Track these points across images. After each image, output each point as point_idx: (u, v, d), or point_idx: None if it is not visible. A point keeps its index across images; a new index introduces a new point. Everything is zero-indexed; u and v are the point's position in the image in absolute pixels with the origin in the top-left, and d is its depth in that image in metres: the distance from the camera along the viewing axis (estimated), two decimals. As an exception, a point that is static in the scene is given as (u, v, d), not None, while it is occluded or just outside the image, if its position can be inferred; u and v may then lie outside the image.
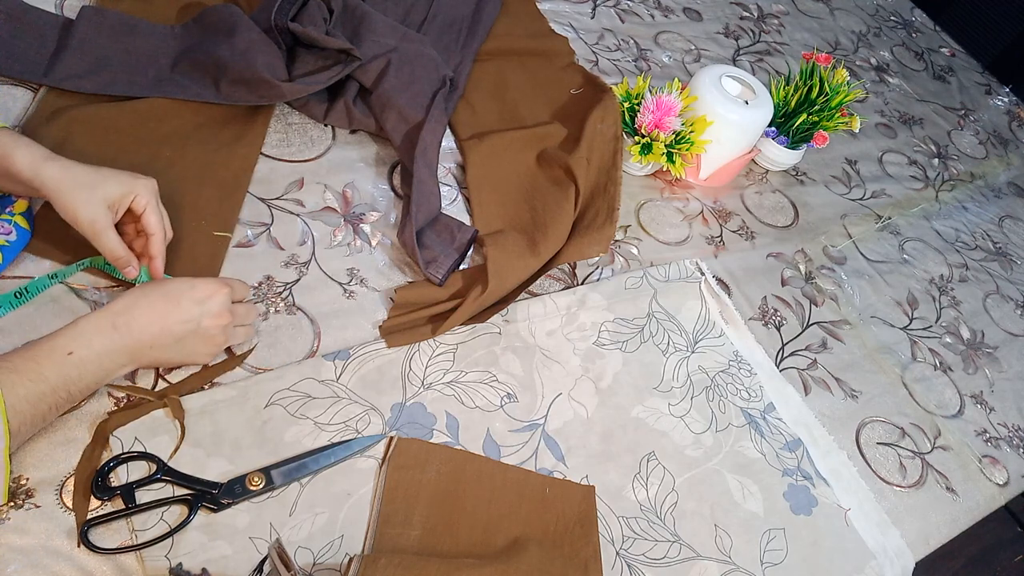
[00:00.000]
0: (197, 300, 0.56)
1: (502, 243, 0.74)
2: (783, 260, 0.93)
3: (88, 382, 0.52)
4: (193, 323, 0.56)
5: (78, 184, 0.56)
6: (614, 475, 0.67)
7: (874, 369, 0.86)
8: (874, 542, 0.71)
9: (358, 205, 0.77)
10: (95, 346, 0.52)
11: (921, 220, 1.10)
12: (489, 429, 0.66)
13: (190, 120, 0.75)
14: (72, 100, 0.71)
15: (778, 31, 1.33)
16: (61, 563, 0.50)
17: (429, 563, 0.53)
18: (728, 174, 0.97)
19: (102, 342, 0.52)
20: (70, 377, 0.51)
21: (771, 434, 0.74)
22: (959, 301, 1.00)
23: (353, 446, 0.60)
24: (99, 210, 0.56)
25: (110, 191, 0.57)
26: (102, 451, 0.54)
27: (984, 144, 1.31)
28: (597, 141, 0.87)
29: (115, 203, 0.57)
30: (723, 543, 0.66)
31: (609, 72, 1.06)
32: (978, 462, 0.82)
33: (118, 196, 0.57)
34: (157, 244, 0.59)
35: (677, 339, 0.78)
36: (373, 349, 0.66)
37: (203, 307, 0.56)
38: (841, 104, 0.98)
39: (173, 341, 0.55)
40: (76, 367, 0.51)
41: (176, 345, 0.56)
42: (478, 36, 0.97)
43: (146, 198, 0.58)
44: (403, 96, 0.80)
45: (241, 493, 0.55)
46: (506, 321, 0.73)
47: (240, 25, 0.77)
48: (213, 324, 0.57)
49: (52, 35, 0.74)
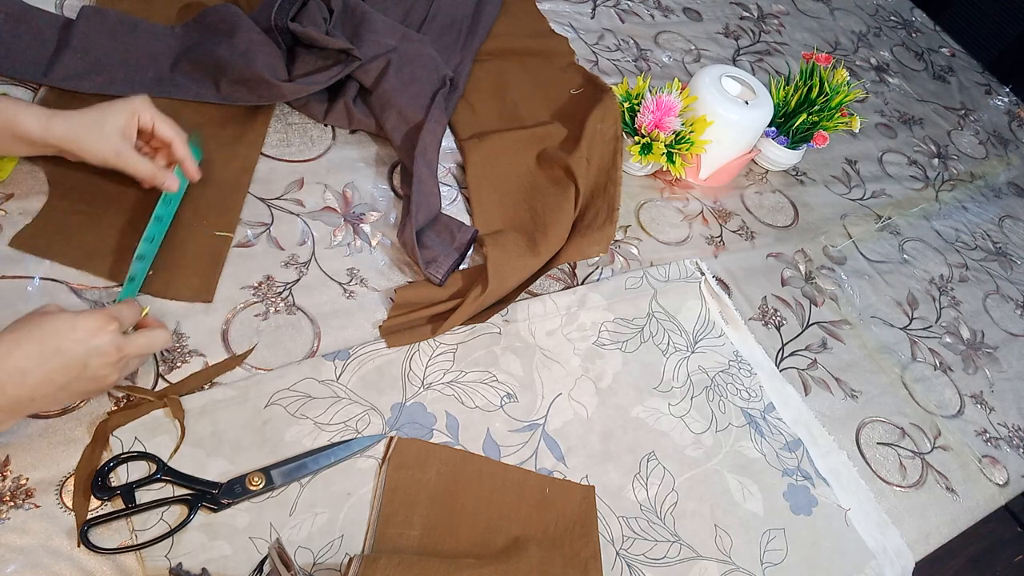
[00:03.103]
0: (80, 340, 0.49)
1: (502, 243, 0.74)
2: (783, 260, 0.93)
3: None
4: (79, 367, 0.49)
5: (86, 128, 0.60)
6: (614, 475, 0.67)
7: (874, 369, 0.86)
8: (874, 542, 0.71)
9: (358, 205, 0.77)
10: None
11: (921, 220, 1.10)
12: (489, 429, 0.66)
13: (190, 120, 0.74)
14: (72, 100, 0.71)
15: (778, 31, 1.33)
16: (61, 563, 0.50)
17: (429, 563, 0.53)
18: (728, 174, 0.97)
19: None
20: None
21: (771, 434, 0.75)
22: (959, 301, 1.00)
23: (353, 446, 0.60)
24: (117, 140, 0.61)
25: (117, 121, 0.61)
26: (102, 451, 0.54)
27: (984, 144, 1.31)
28: (597, 141, 0.87)
29: (125, 129, 0.61)
30: (723, 543, 0.66)
31: (609, 72, 1.06)
32: (978, 462, 0.82)
33: (124, 122, 0.61)
34: (180, 147, 0.64)
35: (677, 339, 0.78)
36: (373, 349, 0.66)
37: (88, 347, 0.50)
38: (841, 104, 0.98)
39: (56, 389, 0.49)
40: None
41: (61, 393, 0.50)
42: (478, 36, 0.97)
43: (149, 112, 0.63)
44: (403, 96, 0.80)
45: (241, 493, 0.55)
46: (506, 321, 0.73)
47: (240, 25, 0.77)
48: (102, 363, 0.51)
49: (52, 35, 0.74)
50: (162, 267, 0.64)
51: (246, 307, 0.65)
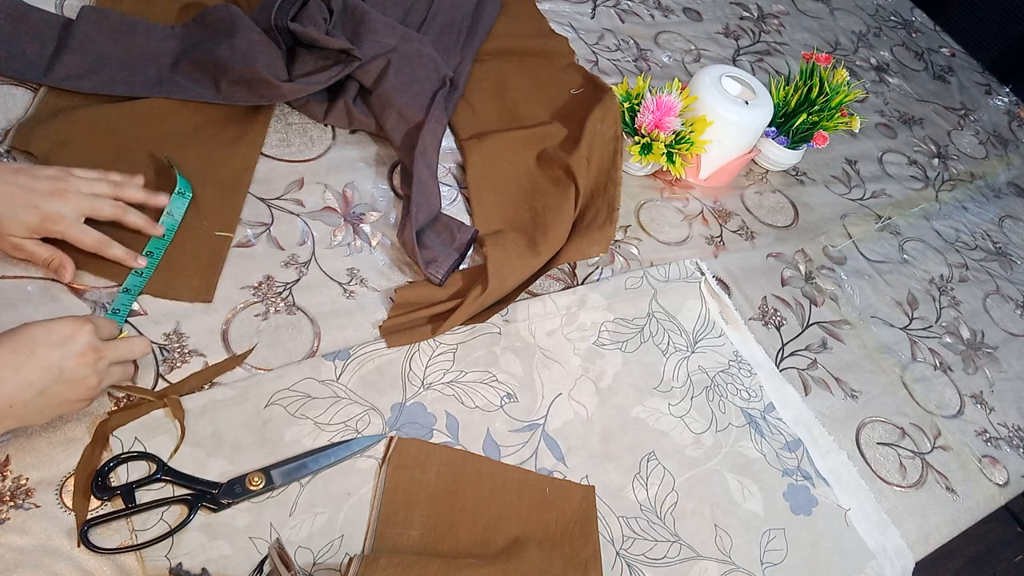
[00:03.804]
0: (55, 343, 0.49)
1: (502, 243, 0.74)
2: (783, 260, 0.93)
3: None
4: (55, 369, 0.49)
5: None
6: (614, 475, 0.67)
7: (874, 369, 0.86)
8: (874, 542, 0.71)
9: (358, 205, 0.77)
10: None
11: (921, 220, 1.10)
12: (489, 429, 0.66)
13: (190, 120, 0.75)
14: (72, 100, 0.71)
15: (778, 31, 1.33)
16: (61, 563, 0.50)
17: (429, 563, 0.53)
18: (728, 174, 0.97)
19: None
20: None
21: (771, 434, 0.75)
22: (959, 301, 1.00)
23: (353, 446, 0.60)
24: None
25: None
26: (102, 451, 0.54)
27: (984, 144, 1.31)
28: (597, 141, 0.87)
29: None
30: (723, 543, 0.66)
31: (609, 72, 1.06)
32: (978, 462, 0.82)
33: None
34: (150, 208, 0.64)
35: (677, 339, 0.78)
36: (373, 349, 0.66)
37: (63, 349, 0.49)
38: (841, 104, 0.98)
39: (35, 395, 0.48)
40: None
41: (40, 399, 0.49)
42: (478, 36, 0.97)
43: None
44: (403, 96, 0.80)
45: (241, 493, 0.55)
46: (506, 321, 0.73)
47: (240, 25, 0.77)
48: (78, 364, 0.50)
49: (52, 35, 0.74)
50: (162, 267, 0.64)
51: (246, 307, 0.65)
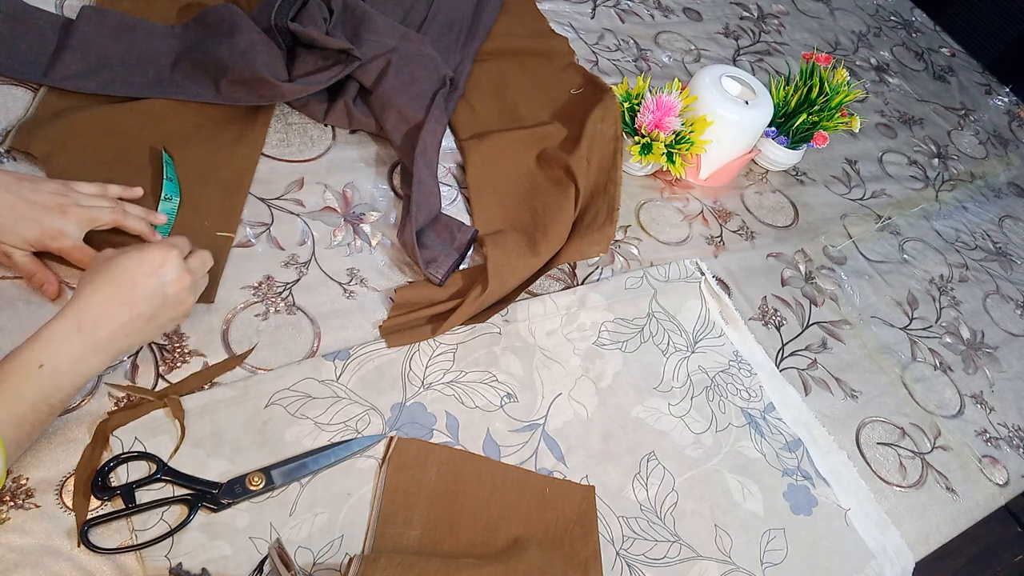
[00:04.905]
0: (151, 273, 0.53)
1: (502, 243, 0.74)
2: (783, 260, 0.93)
3: (68, 391, 0.50)
4: (158, 295, 0.54)
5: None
6: (614, 475, 0.67)
7: (874, 369, 0.86)
8: (874, 542, 0.71)
9: (358, 205, 0.77)
10: (64, 353, 0.49)
11: (921, 220, 1.10)
12: (489, 429, 0.66)
13: (190, 120, 0.75)
14: (72, 100, 0.71)
15: (778, 31, 1.33)
16: (61, 563, 0.50)
17: (429, 563, 0.53)
18: (728, 174, 0.97)
19: (71, 348, 0.49)
20: (47, 390, 0.48)
21: (771, 434, 0.74)
22: (959, 301, 1.00)
23: (353, 446, 0.60)
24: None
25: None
26: (102, 451, 0.54)
27: (984, 144, 1.31)
28: (597, 141, 0.87)
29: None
30: (723, 543, 0.66)
31: (609, 72, 1.06)
32: (978, 462, 0.82)
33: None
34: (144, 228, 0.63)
35: (677, 339, 0.78)
36: (373, 349, 0.66)
37: (161, 277, 0.54)
38: (841, 104, 0.98)
39: (145, 322, 0.53)
40: (51, 379, 0.48)
41: (150, 324, 0.54)
42: (478, 36, 0.97)
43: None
44: (403, 96, 0.80)
45: (241, 493, 0.55)
46: (506, 321, 0.73)
47: (240, 25, 0.77)
48: (178, 289, 0.55)
49: (52, 35, 0.74)
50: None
51: (246, 307, 0.65)
